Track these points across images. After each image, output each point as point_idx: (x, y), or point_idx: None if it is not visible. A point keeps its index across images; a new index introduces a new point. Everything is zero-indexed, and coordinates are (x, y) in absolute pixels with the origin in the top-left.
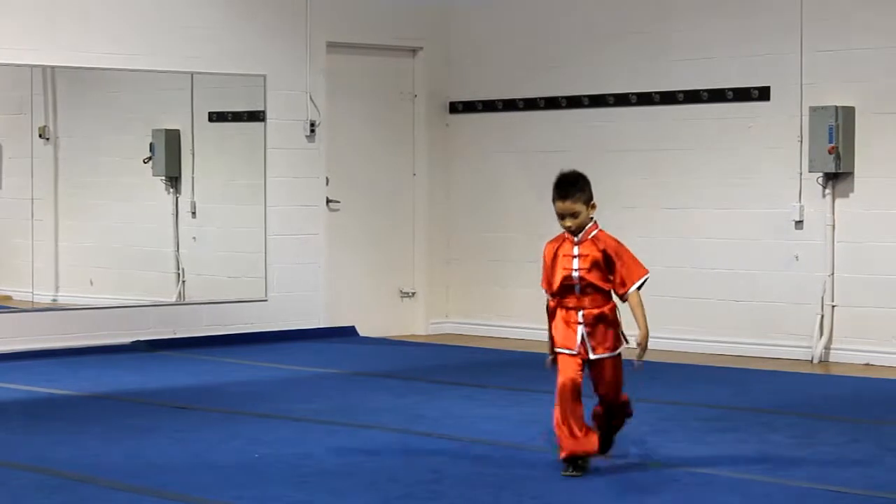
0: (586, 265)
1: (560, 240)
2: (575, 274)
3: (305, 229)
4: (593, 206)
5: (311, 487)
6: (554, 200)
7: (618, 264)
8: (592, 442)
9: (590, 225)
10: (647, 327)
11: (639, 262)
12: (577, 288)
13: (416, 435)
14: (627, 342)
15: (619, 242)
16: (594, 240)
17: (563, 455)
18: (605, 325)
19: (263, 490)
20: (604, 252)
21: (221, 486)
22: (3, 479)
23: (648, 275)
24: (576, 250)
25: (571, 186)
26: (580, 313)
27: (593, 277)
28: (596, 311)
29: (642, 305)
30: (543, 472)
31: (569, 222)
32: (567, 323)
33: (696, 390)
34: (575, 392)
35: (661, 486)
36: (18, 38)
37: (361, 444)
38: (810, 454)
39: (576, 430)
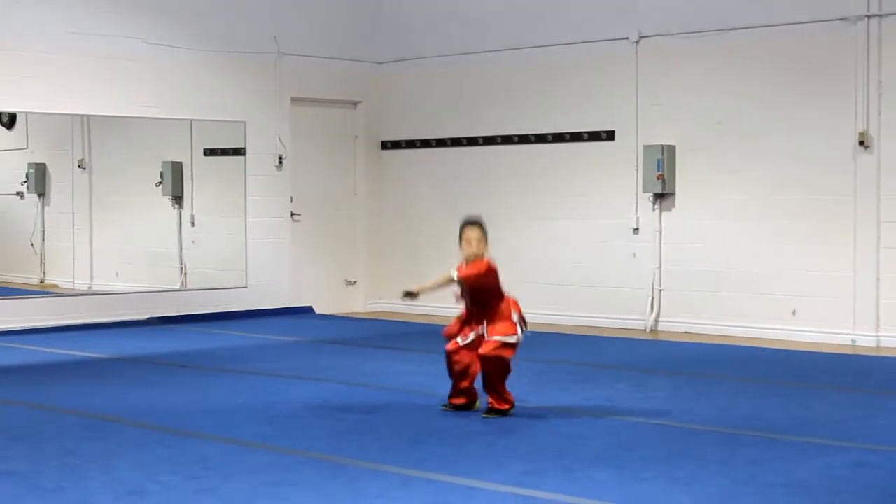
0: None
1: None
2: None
3: (275, 235)
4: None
5: (278, 425)
6: (462, 228)
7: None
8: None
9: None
10: (423, 288)
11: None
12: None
13: (356, 386)
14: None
15: (483, 271)
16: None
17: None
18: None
19: (243, 427)
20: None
21: (212, 424)
22: (51, 419)
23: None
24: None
25: (477, 223)
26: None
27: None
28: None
29: (439, 284)
30: (452, 412)
31: (474, 246)
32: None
33: (562, 352)
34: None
35: (531, 424)
36: (63, 93)
37: (316, 393)
38: (645, 398)
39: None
